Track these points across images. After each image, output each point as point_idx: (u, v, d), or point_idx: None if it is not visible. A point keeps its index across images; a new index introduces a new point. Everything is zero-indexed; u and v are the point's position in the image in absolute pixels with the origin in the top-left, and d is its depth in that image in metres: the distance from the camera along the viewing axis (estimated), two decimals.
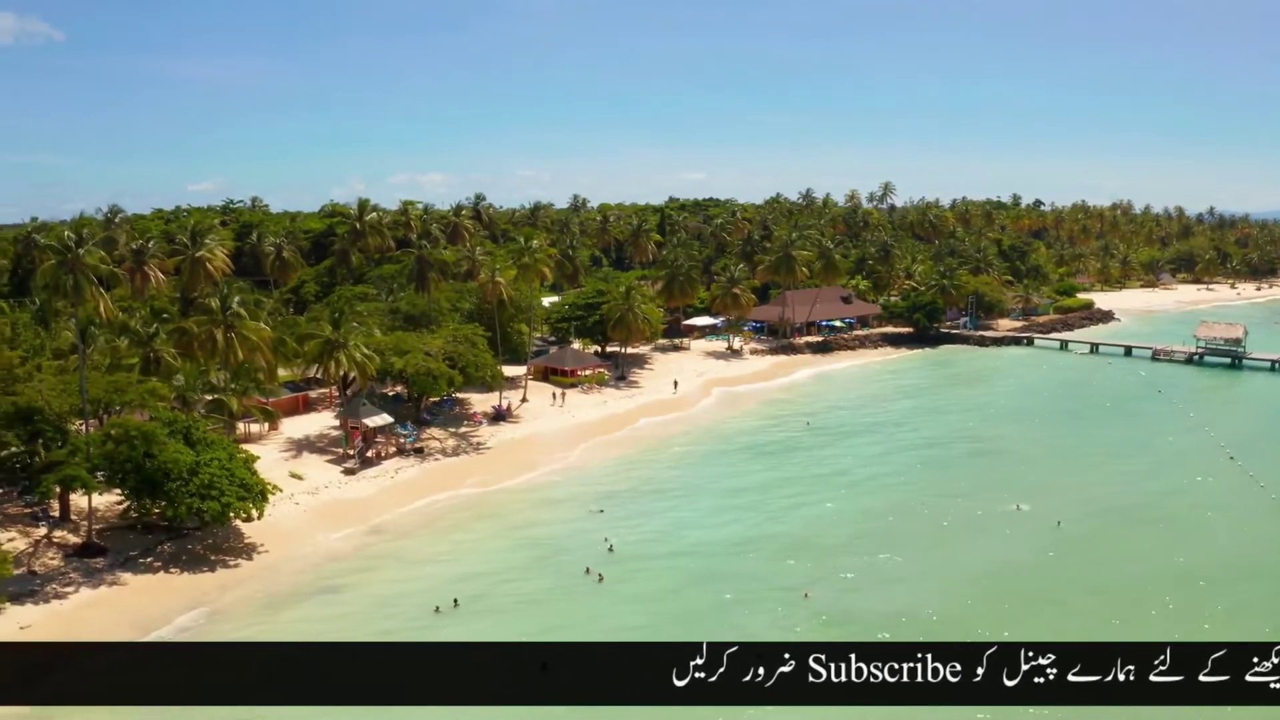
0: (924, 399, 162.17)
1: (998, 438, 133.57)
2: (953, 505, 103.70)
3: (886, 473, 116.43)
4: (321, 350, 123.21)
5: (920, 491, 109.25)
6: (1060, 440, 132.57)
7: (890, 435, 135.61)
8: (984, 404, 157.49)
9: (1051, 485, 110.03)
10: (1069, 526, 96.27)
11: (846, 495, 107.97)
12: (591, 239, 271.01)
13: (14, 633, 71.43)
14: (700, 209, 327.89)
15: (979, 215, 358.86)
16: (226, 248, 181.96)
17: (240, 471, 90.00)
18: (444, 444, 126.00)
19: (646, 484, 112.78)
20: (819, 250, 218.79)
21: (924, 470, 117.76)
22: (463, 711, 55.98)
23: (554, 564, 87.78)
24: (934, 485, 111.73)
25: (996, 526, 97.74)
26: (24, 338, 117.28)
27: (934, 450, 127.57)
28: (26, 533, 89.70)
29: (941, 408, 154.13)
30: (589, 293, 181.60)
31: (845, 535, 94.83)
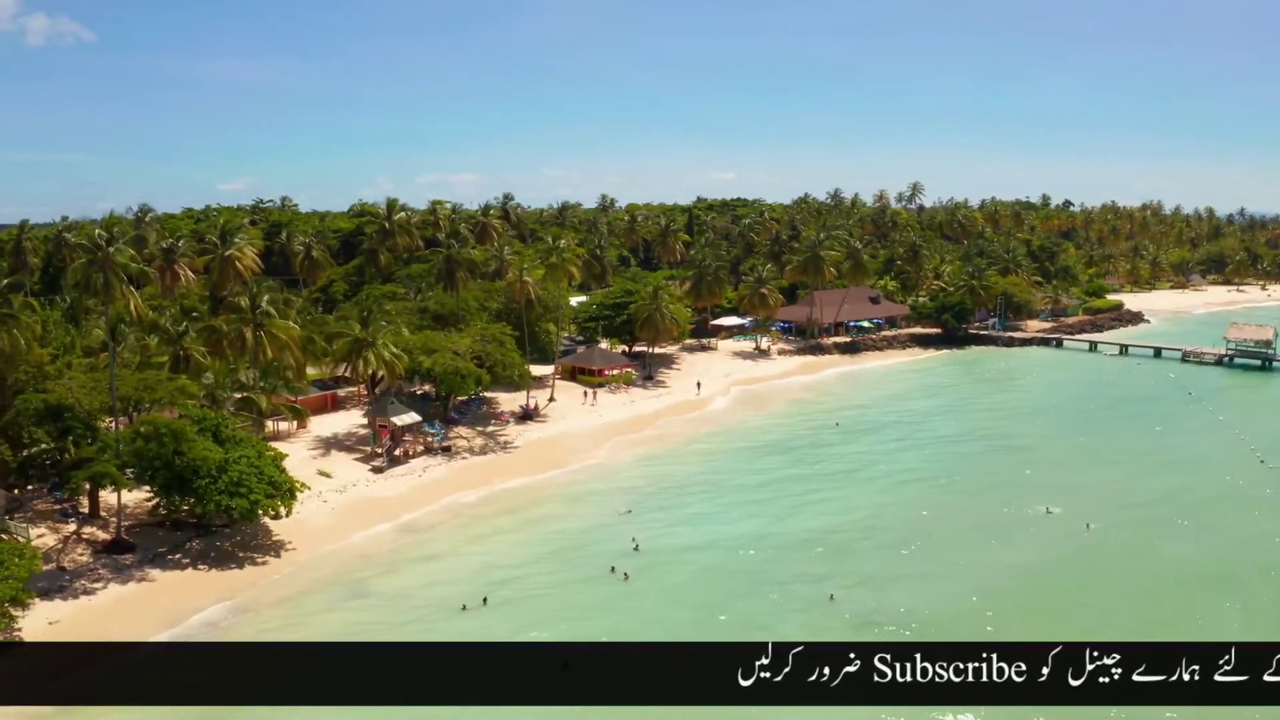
0: (952, 400, 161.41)
1: (1026, 438, 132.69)
2: (982, 506, 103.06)
3: (915, 473, 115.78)
4: (350, 349, 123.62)
5: (949, 492, 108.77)
6: (1089, 441, 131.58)
7: (918, 436, 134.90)
8: (1012, 405, 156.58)
9: (1080, 486, 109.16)
10: (1099, 528, 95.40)
11: (874, 495, 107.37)
12: (619, 239, 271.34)
13: (43, 628, 71.88)
14: (728, 209, 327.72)
15: (1008, 216, 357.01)
16: (256, 247, 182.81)
17: (269, 469, 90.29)
18: (471, 443, 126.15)
19: (673, 483, 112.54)
20: (847, 250, 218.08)
21: (953, 471, 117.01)
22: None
23: (581, 562, 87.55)
24: (963, 486, 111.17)
25: (1026, 528, 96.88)
26: (55, 335, 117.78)
27: (962, 451, 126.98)
28: (56, 529, 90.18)
29: (970, 408, 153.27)
30: (617, 292, 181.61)
31: (873, 535, 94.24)
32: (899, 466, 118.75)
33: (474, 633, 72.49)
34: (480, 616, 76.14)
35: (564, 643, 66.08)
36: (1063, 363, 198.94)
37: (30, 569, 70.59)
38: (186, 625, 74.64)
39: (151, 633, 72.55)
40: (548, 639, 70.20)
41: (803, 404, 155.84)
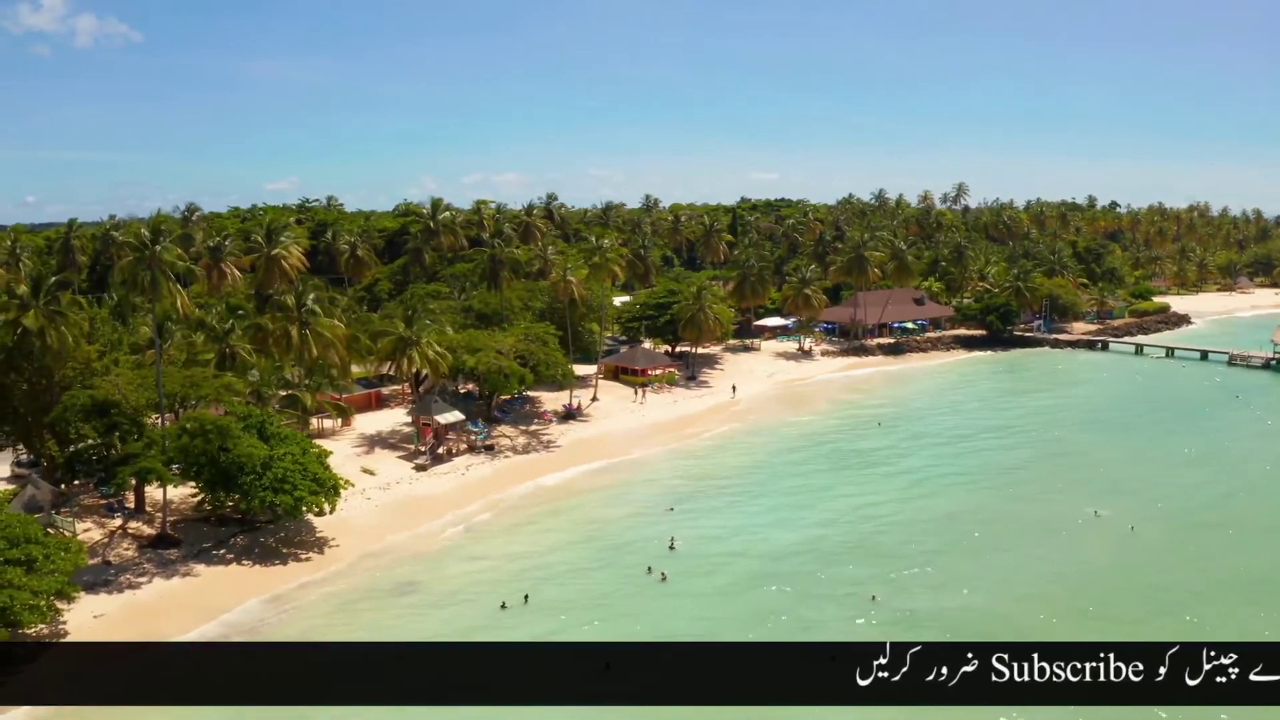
0: (996, 402, 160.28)
1: (1072, 441, 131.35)
2: (1028, 509, 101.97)
3: (959, 475, 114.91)
4: (395, 347, 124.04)
5: (993, 494, 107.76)
6: (1135, 445, 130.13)
7: (962, 438, 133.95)
8: (1057, 407, 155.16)
9: (1128, 489, 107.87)
10: (1146, 531, 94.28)
11: (917, 497, 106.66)
12: (663, 239, 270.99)
13: (88, 622, 72.57)
14: (772, 209, 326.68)
15: (1054, 217, 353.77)
16: (302, 246, 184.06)
17: (313, 466, 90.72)
18: (514, 441, 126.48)
19: (714, 483, 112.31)
20: (891, 251, 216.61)
21: (997, 473, 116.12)
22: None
23: (621, 561, 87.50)
24: (1007, 488, 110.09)
25: (1075, 530, 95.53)
26: (102, 332, 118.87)
27: (1007, 453, 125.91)
28: (102, 524, 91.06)
29: (1015, 411, 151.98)
30: (660, 292, 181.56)
31: (916, 537, 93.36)
32: (943, 468, 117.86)
33: (514, 630, 72.62)
34: (521, 614, 76.21)
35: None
36: (1108, 365, 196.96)
37: (76, 563, 71.31)
38: (228, 621, 75.11)
39: (195, 627, 73.15)
40: (587, 638, 70.23)
41: (845, 405, 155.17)
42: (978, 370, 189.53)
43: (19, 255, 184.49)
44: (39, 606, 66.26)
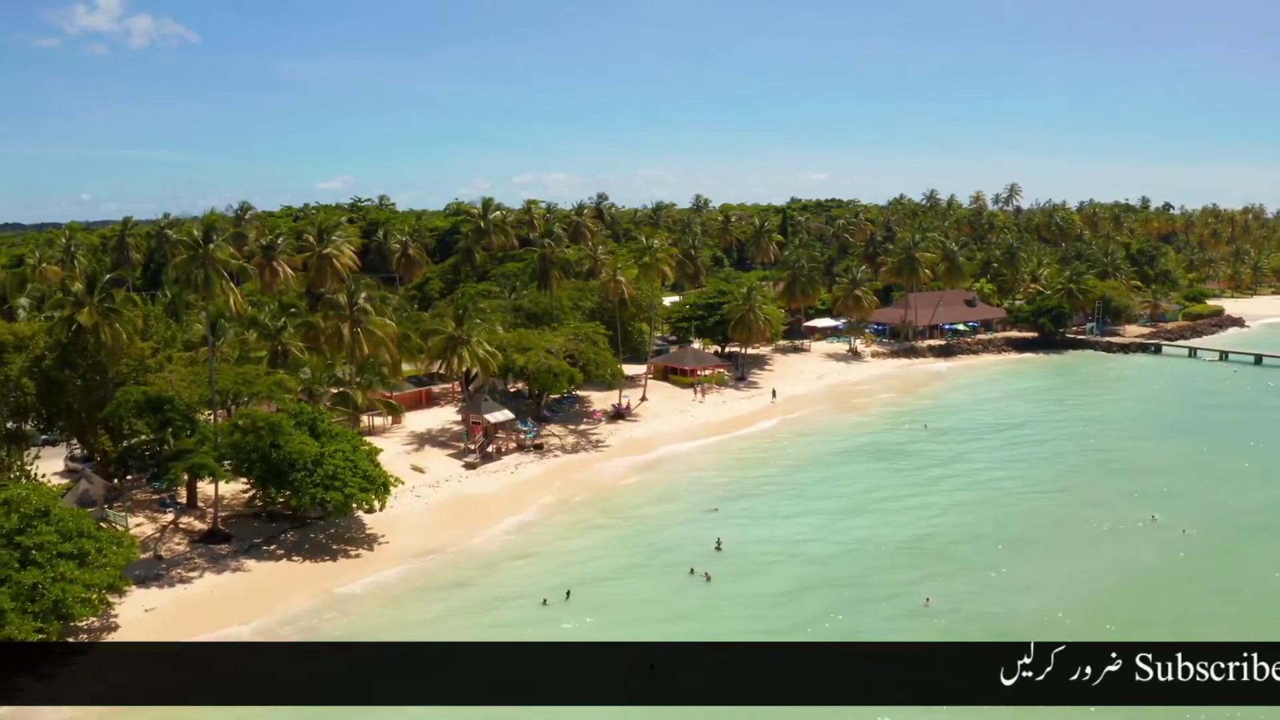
0: (1048, 405, 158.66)
1: (1124, 445, 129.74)
2: (1081, 513, 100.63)
3: (1010, 479, 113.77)
4: (445, 346, 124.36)
5: (1045, 498, 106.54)
6: (1189, 449, 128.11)
7: (1014, 441, 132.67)
8: (1110, 411, 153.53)
9: (1182, 494, 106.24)
10: (1204, 535, 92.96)
11: (967, 500, 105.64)
12: (713, 239, 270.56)
13: (139, 616, 73.17)
14: (823, 209, 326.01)
15: (1107, 218, 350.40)
16: (354, 245, 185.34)
17: (363, 463, 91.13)
18: (563, 441, 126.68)
19: (762, 484, 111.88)
20: (943, 252, 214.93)
21: (1048, 477, 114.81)
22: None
23: (665, 561, 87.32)
24: (1059, 492, 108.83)
25: (1130, 535, 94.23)
26: (156, 329, 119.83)
27: (1058, 456, 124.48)
28: (154, 518, 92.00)
29: (1066, 414, 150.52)
30: (710, 293, 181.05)
31: (966, 541, 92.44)
32: (994, 471, 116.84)
33: (554, 627, 73.05)
34: (562, 612, 76.35)
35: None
36: (1161, 369, 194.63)
37: (128, 557, 71.93)
38: (278, 616, 75.48)
39: (245, 622, 73.63)
40: (631, 638, 70.09)
41: (895, 407, 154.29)
42: (1029, 373, 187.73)
43: (74, 253, 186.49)
44: (91, 600, 66.90)
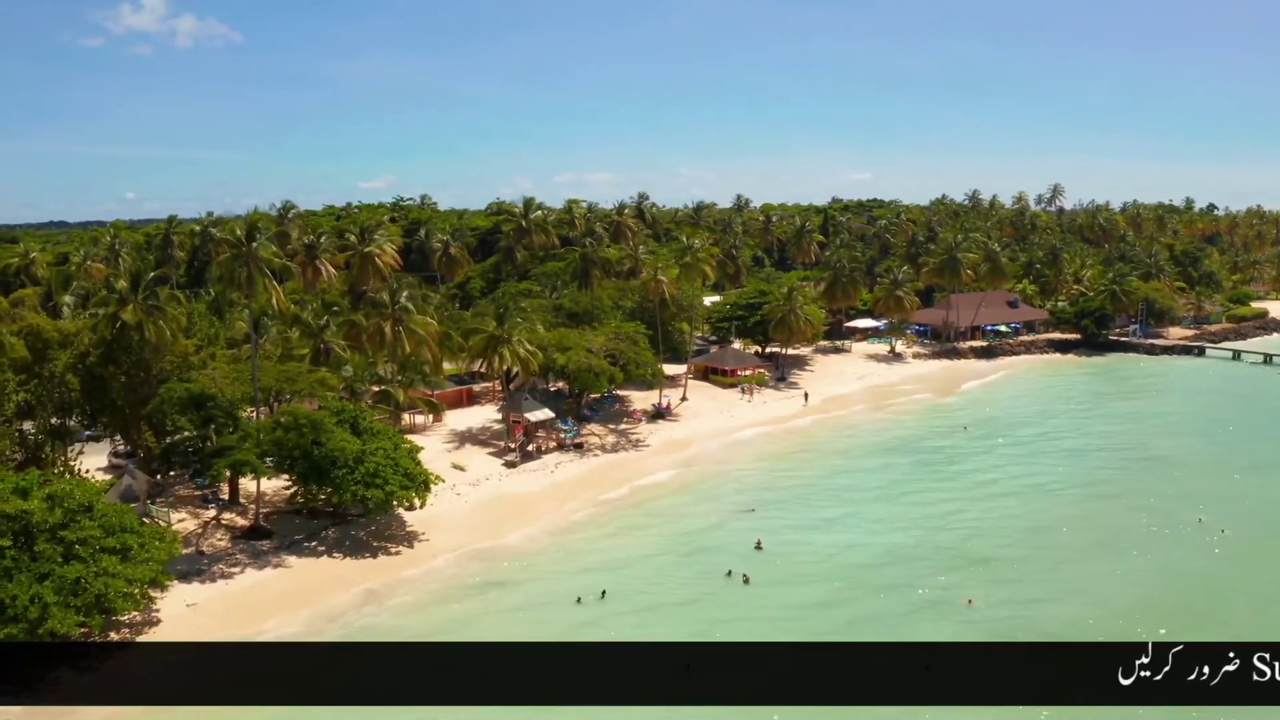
0: (1091, 407, 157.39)
1: (1168, 447, 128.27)
2: (1123, 515, 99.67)
3: (1051, 481, 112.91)
4: (486, 345, 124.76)
5: (1088, 500, 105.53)
6: (1233, 452, 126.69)
7: (1056, 443, 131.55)
8: (1153, 413, 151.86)
9: (1227, 497, 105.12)
10: (1250, 538, 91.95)
11: (1008, 502, 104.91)
12: (754, 239, 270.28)
13: (181, 610, 73.69)
14: (864, 209, 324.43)
15: (1150, 219, 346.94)
16: (395, 244, 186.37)
17: (404, 461, 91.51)
18: (603, 440, 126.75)
19: (800, 485, 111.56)
20: (985, 253, 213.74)
21: (1090, 479, 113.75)
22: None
23: (703, 561, 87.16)
24: (1103, 495, 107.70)
25: (1173, 537, 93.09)
26: (200, 327, 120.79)
27: (1100, 458, 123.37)
28: (197, 514, 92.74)
29: (1109, 416, 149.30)
30: (751, 293, 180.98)
31: (1008, 543, 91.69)
32: (1035, 473, 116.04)
33: (588, 626, 73.19)
34: (596, 610, 76.45)
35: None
36: (1205, 371, 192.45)
37: (170, 552, 72.46)
38: (319, 611, 75.88)
39: (285, 618, 74.01)
40: (664, 637, 70.19)
41: (935, 408, 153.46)
42: (1071, 375, 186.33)
43: (118, 251, 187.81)
44: (133, 594, 67.41)
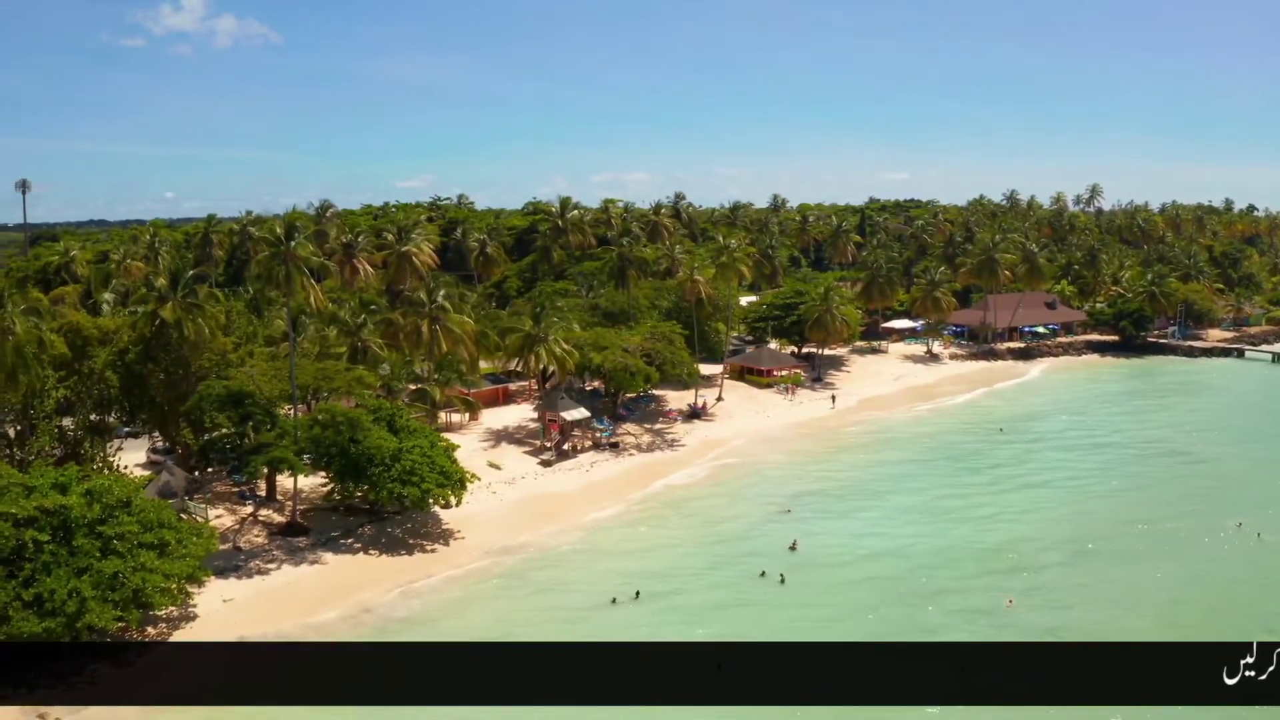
0: (1129, 409, 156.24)
1: (1206, 451, 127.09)
2: (1161, 518, 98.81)
3: (1089, 483, 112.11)
4: (522, 344, 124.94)
5: (1125, 504, 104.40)
6: (1273, 456, 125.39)
7: (1093, 446, 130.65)
8: (1192, 416, 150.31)
9: (1264, 502, 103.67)
10: None
11: (1044, 504, 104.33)
12: (791, 239, 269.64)
13: (218, 606, 74.07)
14: (901, 210, 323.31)
15: (1190, 220, 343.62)
16: (433, 243, 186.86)
17: (441, 459, 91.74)
18: (639, 439, 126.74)
19: (836, 485, 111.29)
20: (1023, 254, 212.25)
21: (1129, 482, 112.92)
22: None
23: (738, 561, 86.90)
24: (1140, 498, 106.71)
25: (1216, 542, 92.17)
26: (238, 325, 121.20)
27: (1139, 462, 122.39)
28: (234, 510, 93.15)
29: (1148, 419, 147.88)
30: (787, 293, 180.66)
31: (1047, 546, 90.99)
32: (1072, 475, 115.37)
33: (621, 625, 73.19)
34: (629, 610, 76.48)
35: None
36: (1244, 373, 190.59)
37: (207, 548, 72.81)
38: (353, 609, 76.20)
39: (321, 614, 74.43)
40: (700, 638, 70.15)
41: (972, 409, 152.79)
42: (1109, 376, 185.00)
43: (158, 249, 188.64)
44: (170, 589, 67.80)
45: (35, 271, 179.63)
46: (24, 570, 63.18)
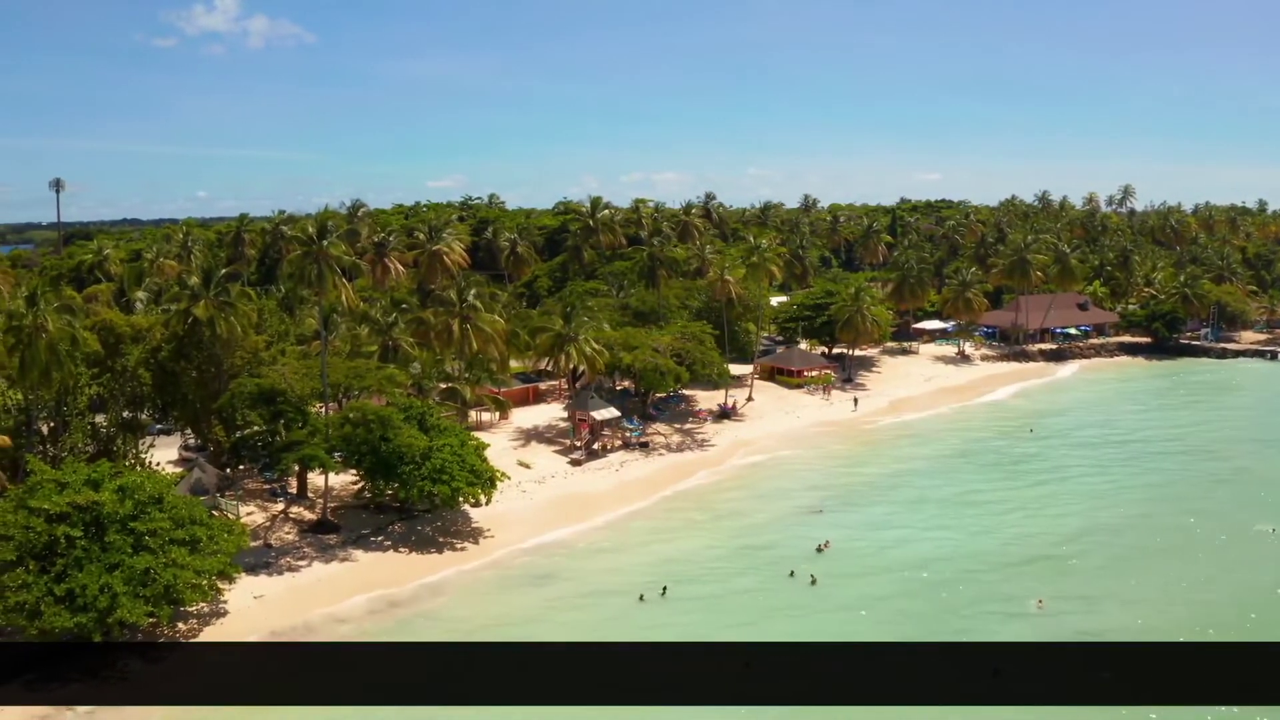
0: (1160, 412, 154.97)
1: (1239, 455, 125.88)
2: (1192, 521, 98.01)
3: (1119, 485, 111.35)
4: (553, 343, 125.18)
5: (1155, 505, 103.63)
6: None
7: (1123, 447, 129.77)
8: (1222, 419, 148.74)
9: None
10: None
11: (1074, 505, 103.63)
12: (821, 239, 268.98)
13: (248, 602, 74.44)
14: (933, 210, 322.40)
15: (1223, 221, 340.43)
16: (464, 242, 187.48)
17: (471, 458, 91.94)
18: (668, 439, 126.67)
19: (866, 486, 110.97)
20: (1055, 255, 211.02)
21: (1159, 483, 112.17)
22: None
23: (768, 561, 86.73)
24: (1171, 499, 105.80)
25: (1248, 547, 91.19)
26: (270, 323, 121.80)
27: (1171, 465, 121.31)
28: (265, 508, 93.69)
29: (1179, 420, 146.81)
30: (818, 293, 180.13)
31: (1076, 547, 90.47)
32: (1102, 477, 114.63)
33: (647, 624, 73.29)
34: (657, 607, 76.56)
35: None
36: (1276, 376, 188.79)
37: (238, 545, 73.18)
38: (383, 606, 76.50)
39: (351, 611, 74.76)
40: (726, 636, 70.10)
41: (1002, 411, 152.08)
42: (1140, 378, 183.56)
43: (190, 248, 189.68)
44: (201, 586, 68.14)
45: (69, 270, 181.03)
46: (56, 565, 63.65)
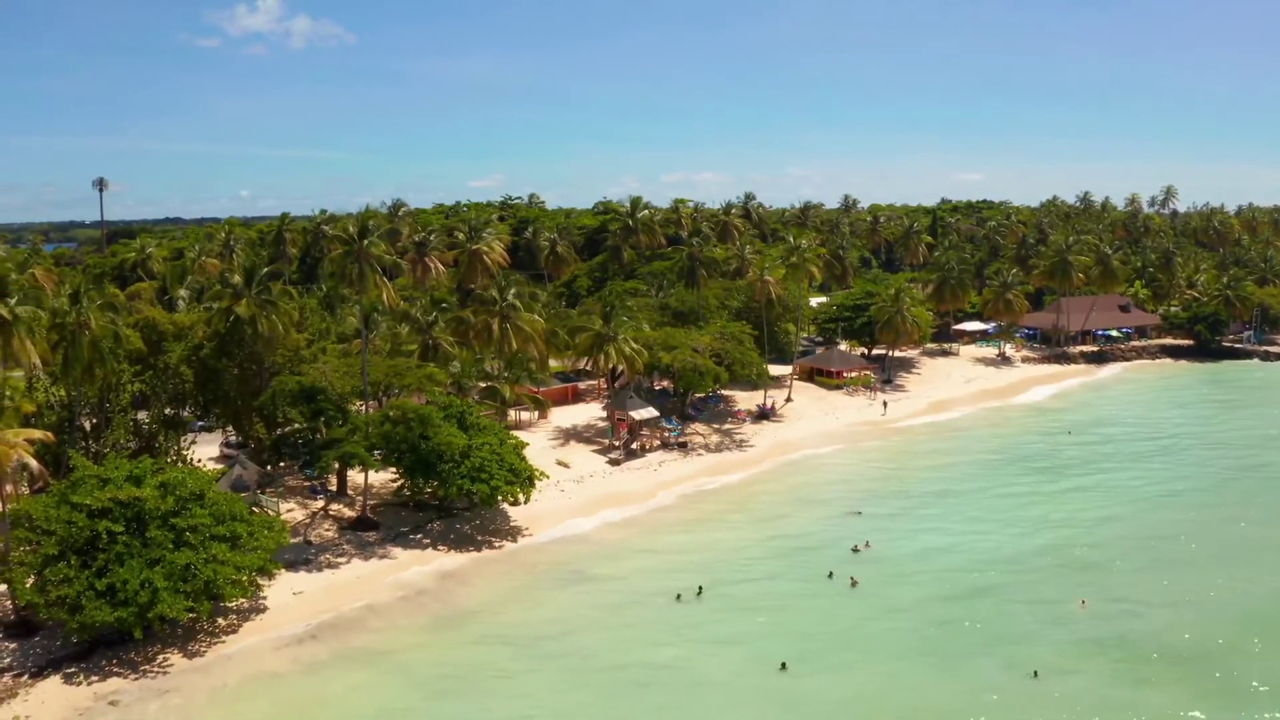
0: (1202, 414, 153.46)
1: (1278, 458, 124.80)
2: (1234, 525, 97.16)
3: (1160, 488, 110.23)
4: (592, 343, 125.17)
5: (1199, 511, 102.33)
6: None
7: (1165, 450, 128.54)
8: (1265, 423, 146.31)
9: None
10: None
11: (1115, 508, 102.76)
12: (861, 240, 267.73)
13: (288, 598, 74.86)
14: (973, 211, 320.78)
15: (1266, 223, 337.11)
16: (504, 242, 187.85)
17: (510, 457, 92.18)
18: (707, 439, 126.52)
19: (905, 488, 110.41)
20: (1096, 256, 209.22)
21: (1201, 488, 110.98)
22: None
23: (806, 562, 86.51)
24: (1216, 506, 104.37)
25: None
26: (311, 322, 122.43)
27: (1211, 467, 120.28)
28: (305, 505, 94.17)
29: (1221, 423, 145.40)
30: (857, 294, 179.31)
31: (1117, 550, 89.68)
32: (1143, 480, 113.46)
33: (684, 622, 73.53)
34: (694, 608, 76.64)
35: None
36: None
37: (279, 541, 73.69)
38: (421, 604, 76.84)
39: (388, 608, 75.14)
40: (764, 637, 70.17)
41: (1042, 413, 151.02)
42: (1182, 381, 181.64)
43: (233, 247, 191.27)
44: (241, 581, 68.75)
45: (112, 268, 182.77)
46: (97, 560, 64.41)
